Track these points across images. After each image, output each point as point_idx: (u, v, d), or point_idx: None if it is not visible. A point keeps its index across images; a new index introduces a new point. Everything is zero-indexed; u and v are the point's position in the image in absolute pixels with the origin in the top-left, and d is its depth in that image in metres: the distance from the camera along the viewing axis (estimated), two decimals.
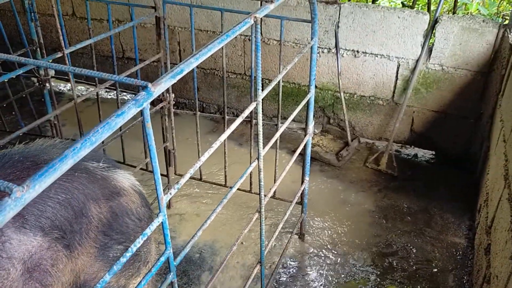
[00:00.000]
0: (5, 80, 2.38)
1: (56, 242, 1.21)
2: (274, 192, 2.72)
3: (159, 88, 1.08)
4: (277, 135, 2.06)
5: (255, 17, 1.53)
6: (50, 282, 1.19)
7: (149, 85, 1.05)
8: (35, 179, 0.77)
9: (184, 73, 1.19)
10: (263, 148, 1.79)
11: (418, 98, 3.42)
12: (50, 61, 2.01)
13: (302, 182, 2.55)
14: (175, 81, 1.16)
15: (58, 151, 1.35)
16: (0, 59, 1.32)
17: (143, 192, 1.58)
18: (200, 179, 3.00)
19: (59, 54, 2.08)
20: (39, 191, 0.78)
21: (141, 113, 1.06)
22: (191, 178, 3.16)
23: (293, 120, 3.90)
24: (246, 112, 1.63)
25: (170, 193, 1.24)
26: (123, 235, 1.40)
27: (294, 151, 3.63)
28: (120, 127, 2.94)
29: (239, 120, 1.60)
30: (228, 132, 1.57)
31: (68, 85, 4.80)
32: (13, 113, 4.08)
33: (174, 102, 2.74)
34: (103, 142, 3.02)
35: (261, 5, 3.52)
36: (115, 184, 1.40)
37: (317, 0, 2.27)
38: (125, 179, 1.46)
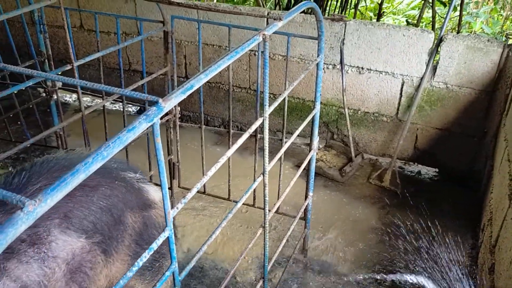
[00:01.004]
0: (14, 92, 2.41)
1: (97, 246, 1.25)
2: (278, 207, 2.72)
3: (169, 103, 1.09)
4: (282, 150, 2.07)
5: (263, 34, 1.54)
6: (88, 285, 1.22)
7: (160, 100, 1.06)
8: (47, 193, 0.78)
9: (194, 88, 1.20)
10: (269, 163, 1.80)
11: (422, 115, 3.43)
12: (59, 73, 2.03)
13: (306, 197, 2.55)
14: (185, 97, 1.17)
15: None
16: (9, 71, 1.34)
17: None
18: (204, 192, 3.01)
19: (68, 67, 2.11)
20: (51, 205, 0.79)
21: (152, 127, 1.07)
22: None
23: (298, 136, 3.91)
24: (253, 128, 1.64)
25: (177, 208, 1.24)
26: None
27: (298, 166, 3.63)
28: None
29: (245, 136, 1.61)
30: (234, 147, 1.58)
31: (74, 96, 4.84)
32: (19, 123, 4.11)
33: (179, 115, 2.76)
34: None
35: (267, 22, 3.56)
36: (147, 196, 1.47)
37: (323, 18, 2.29)
38: (155, 192, 1.54)
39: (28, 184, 1.25)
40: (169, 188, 3.02)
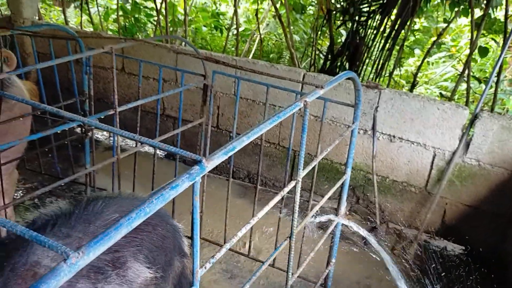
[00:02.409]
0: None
1: (159, 280, 1.32)
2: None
3: (212, 163, 1.11)
4: (310, 215, 2.05)
5: (305, 101, 1.58)
6: None
7: (203, 160, 1.08)
8: (90, 246, 0.79)
9: (236, 150, 1.22)
10: (297, 227, 1.78)
11: (452, 190, 3.37)
12: (103, 117, 2.10)
13: (328, 264, 2.49)
14: (226, 157, 1.19)
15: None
16: (54, 113, 1.40)
17: None
18: (223, 245, 2.97)
19: (111, 112, 2.18)
20: (92, 258, 0.79)
21: (192, 186, 1.09)
22: (214, 244, 3.14)
23: (321, 196, 3.88)
24: (286, 190, 1.64)
25: (205, 268, 1.23)
26: None
27: (320, 227, 3.58)
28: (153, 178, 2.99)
29: (277, 198, 1.61)
30: (265, 209, 1.57)
31: (105, 133, 4.96)
32: (50, 155, 4.21)
33: None
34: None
35: (303, 78, 3.64)
36: (183, 247, 1.53)
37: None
38: (186, 243, 1.62)
39: (86, 224, 1.31)
40: (189, 237, 3.00)
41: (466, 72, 4.17)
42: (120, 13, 5.89)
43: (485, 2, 4.08)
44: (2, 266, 1.14)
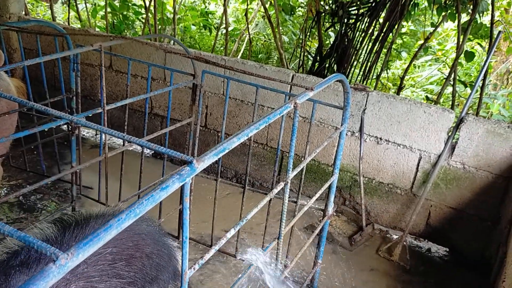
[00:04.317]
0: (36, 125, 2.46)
1: None
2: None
3: (202, 164, 1.10)
4: (298, 215, 2.06)
5: (295, 102, 1.58)
6: None
7: (194, 161, 1.08)
8: (79, 247, 0.79)
9: (226, 151, 1.22)
10: (284, 227, 1.78)
11: (437, 192, 3.41)
12: (91, 115, 2.08)
13: (315, 264, 2.50)
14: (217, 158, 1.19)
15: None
16: (39, 110, 1.38)
17: None
18: (210, 246, 2.97)
19: (99, 110, 2.16)
20: (81, 259, 0.79)
21: (182, 187, 1.08)
22: (199, 243, 3.13)
23: (308, 197, 3.89)
24: (274, 192, 1.65)
25: (194, 269, 1.23)
26: None
27: (306, 228, 3.59)
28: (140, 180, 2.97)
29: (266, 199, 1.61)
30: (254, 210, 1.57)
31: (91, 131, 4.91)
32: (35, 152, 4.16)
33: None
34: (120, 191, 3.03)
35: (290, 88, 3.65)
36: (177, 266, 1.50)
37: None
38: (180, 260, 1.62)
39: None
40: (176, 237, 2.99)
41: (452, 76, 4.22)
42: (108, 10, 5.84)
43: (471, 7, 4.13)
44: None
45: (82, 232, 1.30)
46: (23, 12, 5.05)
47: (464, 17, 4.44)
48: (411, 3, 4.48)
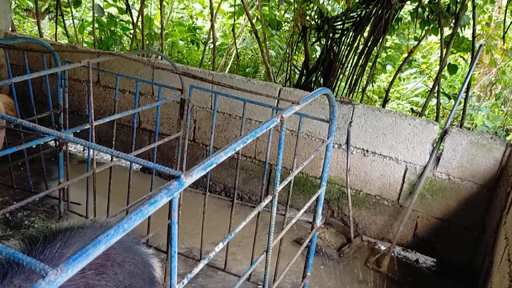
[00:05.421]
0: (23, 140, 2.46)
1: None
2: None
3: (190, 179, 1.12)
4: (287, 228, 2.07)
5: (281, 116, 1.61)
6: None
7: (182, 176, 1.09)
8: (68, 263, 0.79)
9: (214, 165, 1.24)
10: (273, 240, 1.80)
11: (423, 203, 3.46)
12: (78, 131, 2.08)
13: (304, 277, 2.51)
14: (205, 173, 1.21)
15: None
16: (26, 127, 1.39)
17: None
18: (199, 260, 2.96)
19: (87, 126, 2.16)
20: (71, 275, 0.79)
21: (170, 201, 1.10)
22: (188, 258, 3.12)
23: (297, 209, 3.91)
24: (263, 205, 1.66)
25: (183, 283, 1.24)
26: None
27: (295, 241, 3.60)
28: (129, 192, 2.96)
29: (254, 212, 1.63)
30: (242, 224, 1.59)
31: (79, 147, 4.89)
32: (22, 169, 4.13)
33: None
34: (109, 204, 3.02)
35: (279, 93, 3.69)
36: (154, 273, 1.50)
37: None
38: (158, 268, 1.58)
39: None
40: (165, 252, 2.98)
41: (436, 88, 4.30)
42: (96, 25, 5.86)
43: (453, 21, 4.23)
44: None
45: (50, 246, 1.32)
46: (10, 29, 5.05)
47: (447, 31, 4.54)
48: (395, 17, 4.57)
